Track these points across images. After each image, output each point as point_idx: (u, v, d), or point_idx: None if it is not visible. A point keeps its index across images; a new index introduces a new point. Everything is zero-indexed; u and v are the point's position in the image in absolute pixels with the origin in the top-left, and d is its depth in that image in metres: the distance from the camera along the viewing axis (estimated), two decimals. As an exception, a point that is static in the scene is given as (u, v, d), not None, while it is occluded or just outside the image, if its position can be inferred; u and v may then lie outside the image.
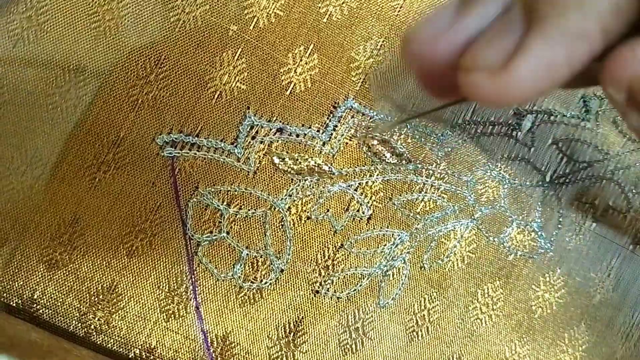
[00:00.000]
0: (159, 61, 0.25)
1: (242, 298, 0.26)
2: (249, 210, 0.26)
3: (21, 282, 0.25)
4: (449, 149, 0.28)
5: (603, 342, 0.30)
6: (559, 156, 0.29)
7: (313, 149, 0.26)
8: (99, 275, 0.25)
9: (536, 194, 0.29)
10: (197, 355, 0.26)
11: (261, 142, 0.26)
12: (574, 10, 0.15)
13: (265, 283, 0.26)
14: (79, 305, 0.25)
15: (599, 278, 0.30)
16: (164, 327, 0.26)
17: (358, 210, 0.27)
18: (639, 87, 0.14)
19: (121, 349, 0.26)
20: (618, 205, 0.30)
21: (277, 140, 0.26)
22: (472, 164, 0.28)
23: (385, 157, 0.27)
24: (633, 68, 0.14)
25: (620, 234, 0.30)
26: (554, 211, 0.29)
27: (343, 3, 0.26)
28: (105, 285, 0.25)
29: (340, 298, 0.27)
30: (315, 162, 0.26)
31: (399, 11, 0.27)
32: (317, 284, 0.27)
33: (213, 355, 0.26)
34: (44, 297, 0.25)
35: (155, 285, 0.25)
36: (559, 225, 0.29)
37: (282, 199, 0.26)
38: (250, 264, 0.26)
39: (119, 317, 0.25)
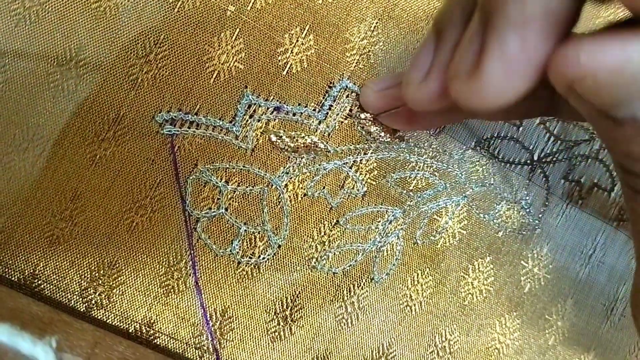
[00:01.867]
0: (158, 41, 0.25)
1: (240, 273, 0.27)
2: (246, 187, 0.27)
3: (23, 258, 0.25)
4: (440, 128, 0.28)
5: (589, 315, 0.31)
6: (547, 135, 0.30)
7: (309, 128, 0.27)
8: (100, 250, 0.26)
9: (524, 172, 0.30)
10: (196, 329, 0.26)
11: (259, 121, 0.26)
12: (514, 2, 0.16)
13: (263, 259, 0.27)
14: (80, 281, 0.26)
15: (585, 254, 0.31)
16: (164, 301, 0.26)
17: (353, 188, 0.28)
18: (579, 87, 0.15)
19: (121, 324, 0.26)
20: (603, 184, 0.31)
21: (274, 119, 0.27)
22: (463, 143, 0.29)
23: (379, 135, 0.28)
24: (574, 70, 0.15)
25: (605, 211, 0.31)
26: (541, 189, 0.30)
27: (338, -15, 0.27)
28: (106, 260, 0.26)
29: (336, 273, 0.28)
30: (311, 140, 0.27)
31: (391, -6, 0.28)
32: (314, 260, 0.27)
33: (212, 329, 0.26)
34: (46, 272, 0.25)
35: (155, 261, 0.26)
36: (546, 203, 0.30)
37: (279, 176, 0.27)
38: (248, 240, 0.27)
39: (119, 292, 0.26)
